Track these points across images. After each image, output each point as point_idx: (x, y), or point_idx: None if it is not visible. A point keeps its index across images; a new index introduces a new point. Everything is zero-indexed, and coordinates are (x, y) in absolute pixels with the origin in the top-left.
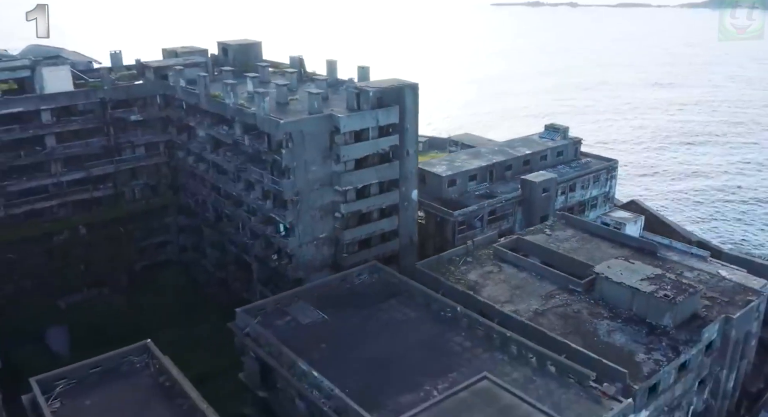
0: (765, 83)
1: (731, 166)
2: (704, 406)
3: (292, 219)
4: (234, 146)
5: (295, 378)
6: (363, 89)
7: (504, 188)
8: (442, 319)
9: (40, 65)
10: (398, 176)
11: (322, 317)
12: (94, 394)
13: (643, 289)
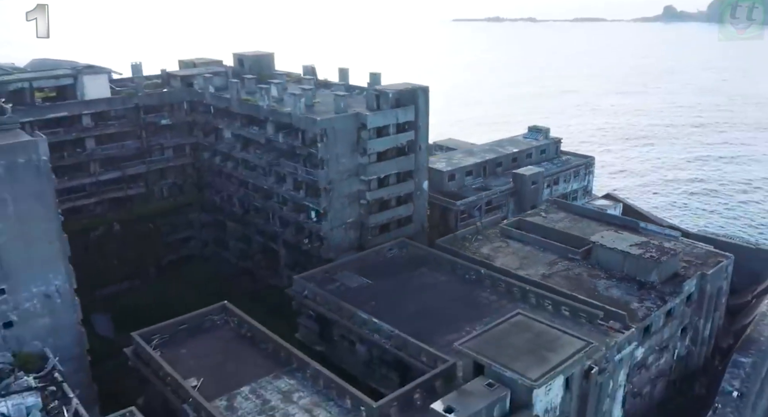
0: (716, 90)
1: (689, 164)
2: (686, 351)
3: (325, 205)
4: (266, 144)
5: (356, 326)
6: (383, 91)
7: (496, 182)
8: (467, 280)
9: (81, 73)
10: (413, 168)
11: (366, 282)
12: (186, 345)
13: (633, 252)
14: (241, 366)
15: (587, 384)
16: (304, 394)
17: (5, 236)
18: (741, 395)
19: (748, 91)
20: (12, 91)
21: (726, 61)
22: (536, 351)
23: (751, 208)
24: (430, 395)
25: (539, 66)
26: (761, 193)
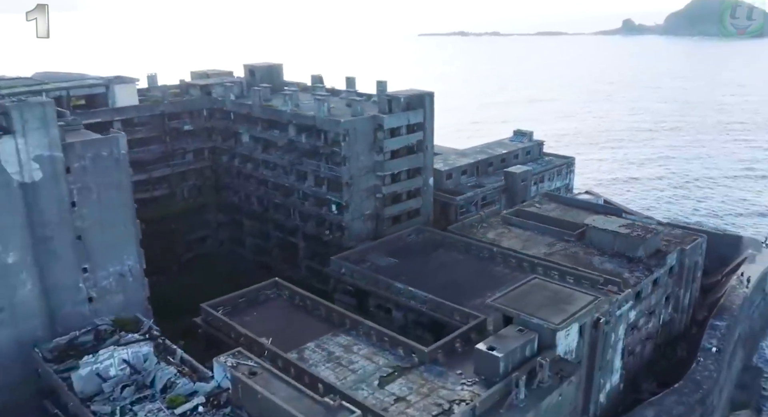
0: (676, 97)
1: (655, 163)
2: (669, 318)
3: (346, 198)
4: (288, 145)
5: (393, 295)
6: (395, 96)
7: (488, 180)
8: (481, 257)
9: (112, 83)
10: (422, 165)
11: (393, 261)
12: (247, 314)
13: (621, 232)
14: (301, 328)
15: (596, 332)
16: (362, 347)
17: (89, 221)
18: (719, 351)
19: (707, 98)
20: (51, 98)
21: (685, 71)
22: (554, 304)
23: (713, 201)
24: (467, 344)
25: (507, 77)
26: (722, 188)
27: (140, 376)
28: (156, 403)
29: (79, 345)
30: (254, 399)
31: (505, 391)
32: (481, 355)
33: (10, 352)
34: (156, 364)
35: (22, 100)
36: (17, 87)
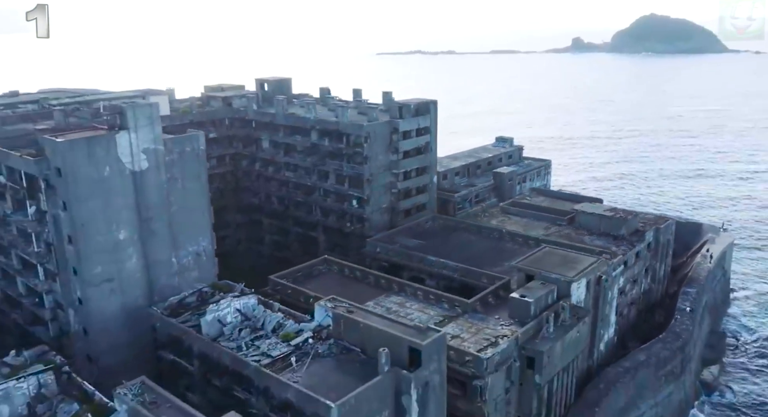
0: (629, 108)
1: (616, 164)
2: (648, 287)
3: (368, 193)
4: (311, 148)
5: (427, 266)
6: (405, 104)
7: (479, 180)
8: (492, 238)
9: (148, 94)
10: (428, 164)
11: (418, 242)
12: (306, 285)
13: (606, 214)
14: (356, 293)
15: (598, 288)
16: (413, 304)
17: (176, 206)
18: (692, 310)
19: (657, 109)
20: (95, 108)
21: (634, 85)
22: (565, 264)
23: (671, 197)
24: (497, 299)
25: (468, 92)
26: (678, 186)
27: (251, 321)
28: (271, 339)
29: (186, 304)
30: (356, 330)
31: (536, 329)
32: (516, 301)
33: (121, 316)
34: (263, 312)
35: (131, 103)
36: (62, 98)
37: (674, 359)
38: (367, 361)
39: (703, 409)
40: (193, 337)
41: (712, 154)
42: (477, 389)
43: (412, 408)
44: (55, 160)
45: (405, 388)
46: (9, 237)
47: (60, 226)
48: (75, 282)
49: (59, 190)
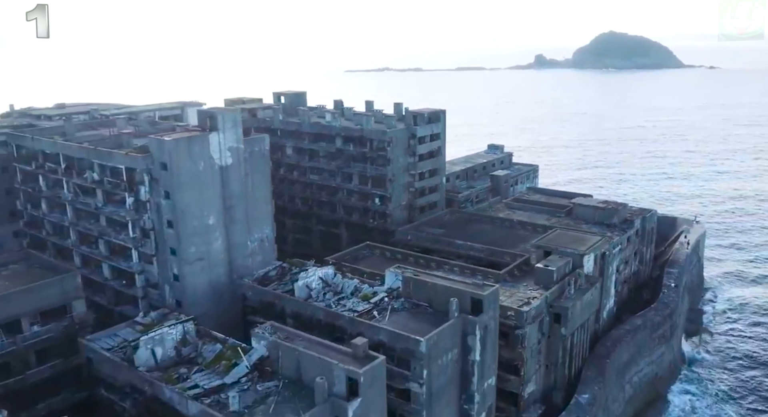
0: (595, 120)
1: (589, 168)
2: (637, 269)
3: (390, 192)
4: (335, 152)
5: (454, 248)
6: (419, 112)
7: (476, 183)
8: (505, 227)
9: (186, 106)
10: (439, 167)
11: (442, 231)
12: (357, 264)
13: (599, 206)
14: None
15: (603, 262)
16: (453, 276)
17: (247, 199)
18: (676, 286)
19: (622, 120)
20: (150, 117)
21: (598, 98)
22: (576, 242)
23: (644, 195)
24: (520, 272)
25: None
26: (648, 187)
27: (331, 287)
28: (352, 300)
29: (269, 278)
30: (424, 288)
31: (559, 292)
32: (541, 270)
33: (209, 290)
34: (341, 279)
35: (221, 109)
36: (108, 110)
37: (665, 325)
38: (434, 313)
39: (689, 370)
40: (287, 300)
41: (676, 159)
42: (518, 338)
43: (476, 346)
44: (161, 156)
45: (470, 329)
46: (98, 228)
47: (161, 213)
48: (172, 261)
49: (162, 182)
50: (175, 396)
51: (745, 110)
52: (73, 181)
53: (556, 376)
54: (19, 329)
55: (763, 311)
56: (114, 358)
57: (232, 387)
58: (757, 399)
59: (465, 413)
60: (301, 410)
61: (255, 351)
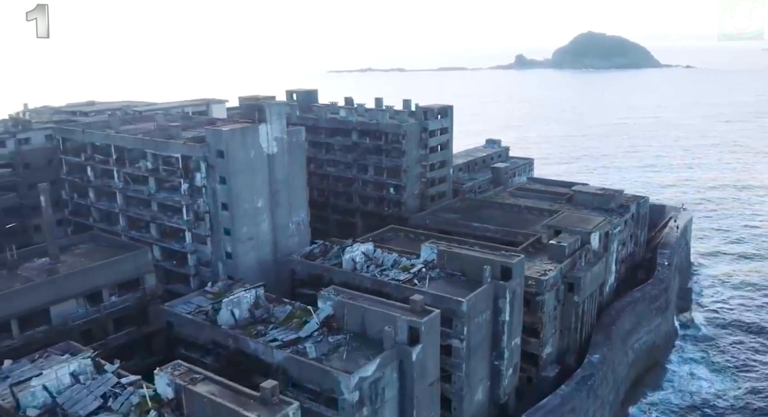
0: (578, 118)
1: (576, 163)
2: (632, 250)
3: (405, 181)
4: (351, 146)
5: (470, 231)
6: (429, 108)
7: (477, 175)
8: (513, 211)
9: (211, 103)
10: (447, 158)
11: (456, 216)
12: (384, 243)
13: (598, 192)
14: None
15: (606, 240)
16: (475, 251)
17: (289, 185)
18: (669, 264)
19: (604, 118)
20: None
21: (578, 97)
22: (583, 222)
23: (631, 187)
24: (534, 249)
25: None
26: (634, 175)
27: (373, 260)
28: (394, 271)
29: (314, 254)
30: (457, 260)
31: (571, 265)
32: (555, 246)
33: (257, 266)
34: (381, 253)
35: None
36: (139, 107)
37: (661, 298)
38: (467, 281)
39: (683, 341)
40: (335, 272)
41: (658, 152)
42: (539, 303)
43: (506, 308)
44: (218, 145)
45: (501, 293)
46: (150, 213)
47: (216, 197)
48: (226, 240)
49: (218, 168)
50: (260, 347)
51: (722, 107)
52: (124, 171)
53: (569, 340)
54: (100, 299)
55: (746, 285)
56: (197, 320)
57: (307, 340)
58: (746, 362)
59: (495, 369)
60: (370, 356)
61: (322, 310)
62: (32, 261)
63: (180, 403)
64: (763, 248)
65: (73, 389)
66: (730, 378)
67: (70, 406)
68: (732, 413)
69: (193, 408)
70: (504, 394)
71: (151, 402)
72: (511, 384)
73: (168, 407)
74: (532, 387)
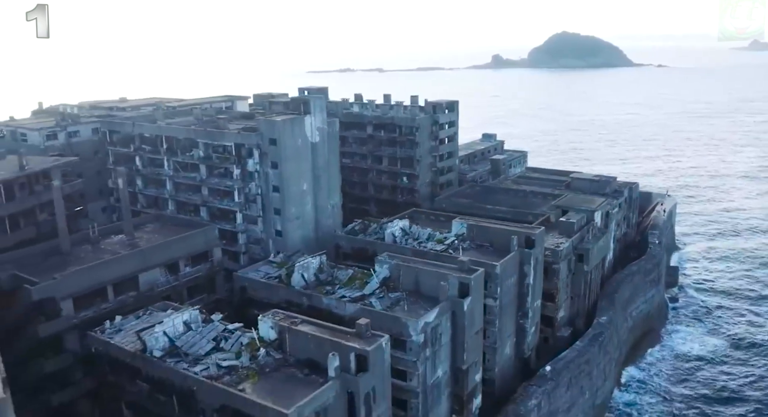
0: (557, 116)
1: (561, 157)
2: (625, 231)
3: (418, 171)
4: (366, 139)
5: (484, 212)
6: (438, 103)
7: (477, 166)
8: (519, 196)
9: (235, 99)
10: (454, 150)
11: (468, 200)
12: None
13: (594, 179)
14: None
15: (607, 218)
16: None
17: (327, 171)
18: (659, 243)
19: (585, 115)
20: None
21: (556, 96)
22: (586, 202)
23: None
24: (545, 226)
25: None
26: (617, 168)
27: (409, 235)
28: (430, 243)
29: (355, 231)
30: (486, 232)
31: (579, 239)
32: (564, 223)
33: (301, 243)
34: (417, 228)
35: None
36: (170, 102)
37: (654, 271)
38: (495, 250)
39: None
40: (378, 245)
41: (637, 145)
42: (555, 271)
43: (530, 272)
44: (271, 134)
45: (526, 260)
46: (200, 198)
47: (268, 181)
48: (276, 220)
49: (271, 155)
50: (333, 302)
51: (694, 104)
52: (174, 159)
53: (579, 305)
54: (177, 269)
55: (725, 260)
56: (271, 283)
57: (370, 296)
58: (730, 326)
59: (521, 327)
60: (427, 308)
61: (380, 272)
62: (110, 237)
63: (282, 343)
64: (738, 227)
65: (188, 335)
66: (717, 339)
67: (188, 348)
68: (721, 369)
69: (296, 345)
70: (528, 350)
71: (259, 342)
72: (533, 341)
73: (272, 347)
74: (548, 346)
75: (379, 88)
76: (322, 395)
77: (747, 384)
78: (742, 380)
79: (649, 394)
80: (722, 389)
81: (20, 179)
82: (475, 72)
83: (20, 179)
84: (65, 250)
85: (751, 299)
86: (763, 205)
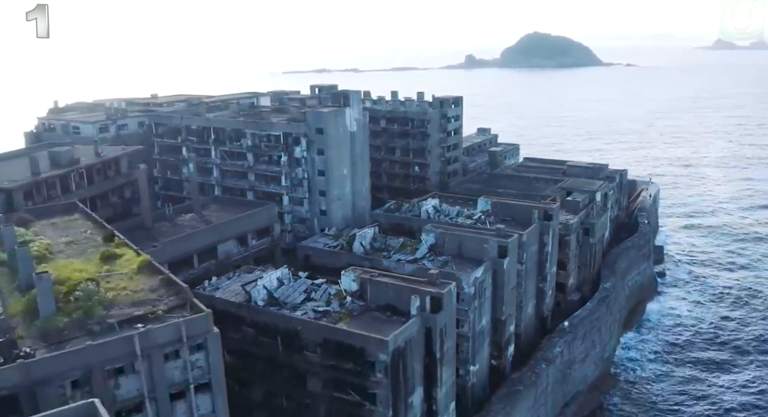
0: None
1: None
2: (617, 214)
3: (429, 161)
4: (380, 131)
5: (494, 195)
6: (444, 98)
7: (476, 158)
8: (523, 181)
9: (257, 95)
10: (459, 141)
11: (478, 185)
12: None
13: (587, 166)
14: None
15: (605, 199)
16: None
17: (362, 157)
18: (648, 222)
19: (557, 112)
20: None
21: (526, 93)
22: (587, 184)
23: None
24: None
25: None
26: None
27: (440, 213)
28: (460, 218)
29: (390, 209)
30: (509, 208)
31: (585, 215)
32: (570, 201)
33: (341, 222)
34: (447, 206)
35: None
36: (203, 98)
37: (645, 247)
38: (517, 223)
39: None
40: (415, 220)
41: (612, 139)
42: (566, 242)
43: (550, 242)
44: (318, 123)
45: (546, 231)
46: (247, 183)
47: (314, 166)
48: (321, 201)
49: (317, 143)
50: (392, 264)
51: (663, 101)
52: (221, 149)
53: (585, 274)
54: (246, 242)
55: (703, 238)
56: (334, 250)
57: (422, 260)
58: (714, 295)
59: (540, 290)
60: (473, 267)
61: (427, 239)
62: (181, 216)
63: (363, 293)
64: (712, 210)
65: (282, 288)
66: (703, 308)
67: (284, 299)
68: (707, 334)
69: (376, 293)
70: (546, 310)
71: (345, 292)
72: (550, 303)
73: (354, 296)
74: (560, 309)
75: (358, 88)
76: (408, 329)
77: (731, 340)
78: (726, 337)
79: (646, 352)
80: (709, 344)
81: (97, 165)
82: (449, 72)
83: (97, 165)
84: (149, 226)
85: (729, 270)
86: (733, 190)
